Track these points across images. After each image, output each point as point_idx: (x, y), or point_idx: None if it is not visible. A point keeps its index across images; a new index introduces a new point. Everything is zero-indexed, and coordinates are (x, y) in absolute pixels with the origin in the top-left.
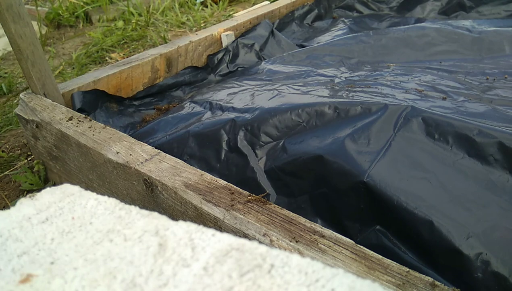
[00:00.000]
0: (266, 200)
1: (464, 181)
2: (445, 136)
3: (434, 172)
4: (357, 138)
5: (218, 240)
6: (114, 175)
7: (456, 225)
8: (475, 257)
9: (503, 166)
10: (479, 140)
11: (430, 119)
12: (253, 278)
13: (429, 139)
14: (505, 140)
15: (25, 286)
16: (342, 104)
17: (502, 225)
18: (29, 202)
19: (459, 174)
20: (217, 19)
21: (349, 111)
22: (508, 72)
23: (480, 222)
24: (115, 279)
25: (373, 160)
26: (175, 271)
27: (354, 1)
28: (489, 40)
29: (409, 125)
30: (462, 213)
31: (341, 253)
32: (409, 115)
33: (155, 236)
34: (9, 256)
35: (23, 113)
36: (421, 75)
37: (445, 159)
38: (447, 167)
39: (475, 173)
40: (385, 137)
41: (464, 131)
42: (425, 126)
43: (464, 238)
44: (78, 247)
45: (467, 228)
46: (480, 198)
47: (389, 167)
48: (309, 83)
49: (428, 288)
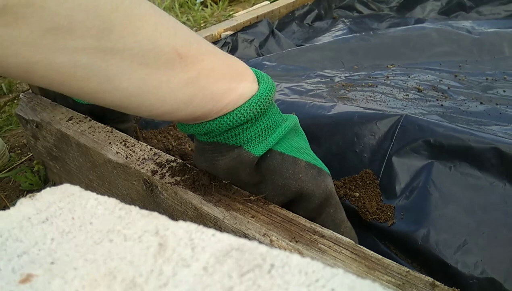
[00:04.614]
0: (265, 200)
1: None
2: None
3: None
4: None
5: (218, 240)
6: (114, 175)
7: (451, 232)
8: (471, 264)
9: (499, 171)
10: (475, 146)
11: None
12: (253, 278)
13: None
14: (501, 146)
15: (25, 286)
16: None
17: (499, 231)
18: (29, 202)
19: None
20: (217, 19)
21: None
22: (507, 73)
23: (477, 229)
24: (115, 279)
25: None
26: (175, 271)
27: (354, 1)
28: (489, 42)
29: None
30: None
31: (341, 253)
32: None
33: (155, 236)
34: (9, 256)
35: (23, 113)
36: (421, 75)
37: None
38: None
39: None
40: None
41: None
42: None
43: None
44: (78, 247)
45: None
46: (476, 205)
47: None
48: (309, 83)
49: (428, 288)
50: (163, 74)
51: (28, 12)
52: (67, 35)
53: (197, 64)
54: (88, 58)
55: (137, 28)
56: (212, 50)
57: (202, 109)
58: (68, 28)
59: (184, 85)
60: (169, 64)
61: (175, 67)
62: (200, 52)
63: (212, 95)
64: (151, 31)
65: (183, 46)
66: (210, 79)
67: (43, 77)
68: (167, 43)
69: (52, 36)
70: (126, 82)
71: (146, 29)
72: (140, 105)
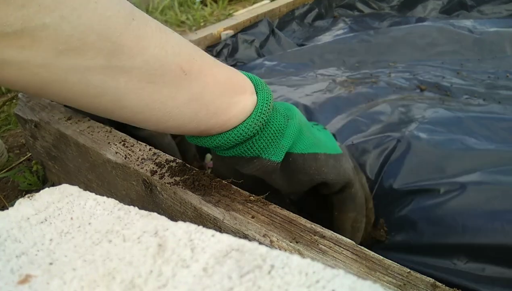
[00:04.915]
0: (266, 200)
1: None
2: None
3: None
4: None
5: (217, 241)
6: (113, 175)
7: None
8: None
9: None
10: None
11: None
12: (253, 279)
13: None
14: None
15: (24, 287)
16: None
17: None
18: (27, 202)
19: None
20: (217, 18)
21: None
22: (509, 71)
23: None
24: (114, 280)
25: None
26: (174, 272)
27: (355, 0)
28: (490, 41)
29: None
30: None
31: (341, 254)
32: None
33: (154, 237)
34: (8, 256)
35: (21, 113)
36: (423, 73)
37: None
38: None
39: None
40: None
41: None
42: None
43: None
44: (77, 247)
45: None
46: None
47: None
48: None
49: (429, 288)
50: (169, 91)
51: (43, 35)
52: (79, 56)
53: (200, 80)
54: (99, 77)
55: (144, 47)
56: (214, 64)
57: (207, 124)
58: (81, 50)
59: (189, 101)
60: (174, 81)
61: (180, 84)
62: (203, 67)
63: (215, 110)
64: (158, 50)
65: (188, 63)
66: (213, 94)
67: (56, 95)
68: (173, 61)
69: (66, 57)
70: (134, 99)
71: (153, 48)
72: (147, 120)
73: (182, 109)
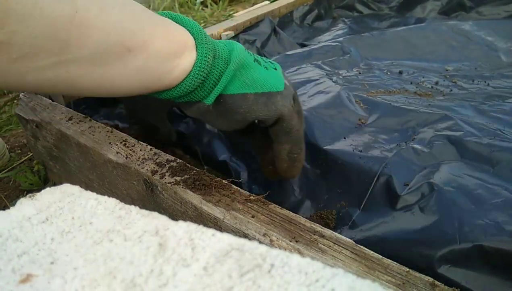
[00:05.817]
0: (266, 200)
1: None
2: None
3: None
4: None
5: (218, 240)
6: (114, 175)
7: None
8: None
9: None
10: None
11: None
12: (253, 278)
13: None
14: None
15: (25, 286)
16: None
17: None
18: (29, 202)
19: None
20: (217, 19)
21: None
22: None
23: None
24: (115, 279)
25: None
26: (175, 271)
27: (354, 1)
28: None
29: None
30: None
31: (341, 253)
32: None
33: (155, 236)
34: (9, 256)
35: (23, 113)
36: (422, 73)
37: None
38: None
39: None
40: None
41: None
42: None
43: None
44: (78, 247)
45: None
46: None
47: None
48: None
49: (428, 288)
50: (116, 69)
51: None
52: (32, 59)
53: (143, 52)
54: (52, 72)
55: (88, 36)
56: (155, 30)
57: (154, 87)
58: (33, 54)
59: (136, 74)
60: (120, 59)
61: (125, 60)
62: (145, 38)
63: (159, 76)
64: (101, 35)
65: (130, 39)
66: (156, 63)
67: (14, 89)
68: (116, 40)
69: (20, 63)
70: (87, 82)
71: (96, 34)
72: (101, 93)
73: (130, 81)
